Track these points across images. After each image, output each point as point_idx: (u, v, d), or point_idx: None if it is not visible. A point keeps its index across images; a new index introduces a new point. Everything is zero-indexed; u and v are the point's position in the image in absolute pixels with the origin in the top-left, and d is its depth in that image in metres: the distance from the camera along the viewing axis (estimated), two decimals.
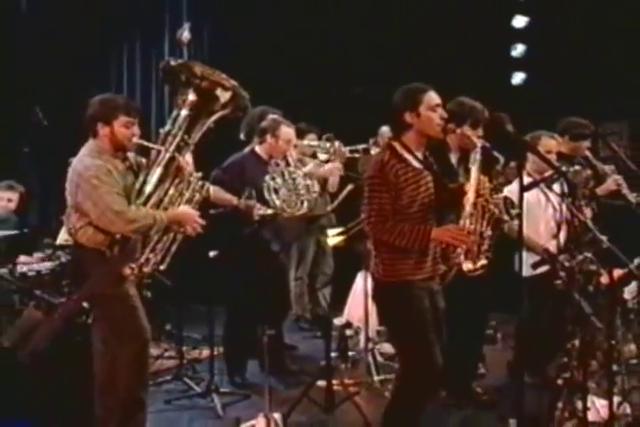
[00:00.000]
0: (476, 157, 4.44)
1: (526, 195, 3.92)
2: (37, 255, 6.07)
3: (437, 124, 4.23)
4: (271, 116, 6.03)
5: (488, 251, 4.38)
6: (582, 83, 8.18)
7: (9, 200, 6.84)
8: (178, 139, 4.50)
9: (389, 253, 4.22)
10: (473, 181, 4.36)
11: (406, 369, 4.30)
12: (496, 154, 4.79)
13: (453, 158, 5.10)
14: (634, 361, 4.73)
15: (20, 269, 5.53)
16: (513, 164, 5.34)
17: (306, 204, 5.78)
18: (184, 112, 4.53)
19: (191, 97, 4.52)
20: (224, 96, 4.55)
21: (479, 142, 4.48)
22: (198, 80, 4.52)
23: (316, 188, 5.88)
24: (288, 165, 5.87)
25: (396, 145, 4.26)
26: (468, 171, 4.54)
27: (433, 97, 4.25)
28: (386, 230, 4.17)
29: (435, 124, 4.23)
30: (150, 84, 8.48)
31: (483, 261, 4.34)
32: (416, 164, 4.26)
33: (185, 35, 6.46)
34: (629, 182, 6.02)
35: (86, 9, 8.21)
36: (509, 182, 5.27)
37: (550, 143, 5.54)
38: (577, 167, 5.56)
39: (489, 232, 4.38)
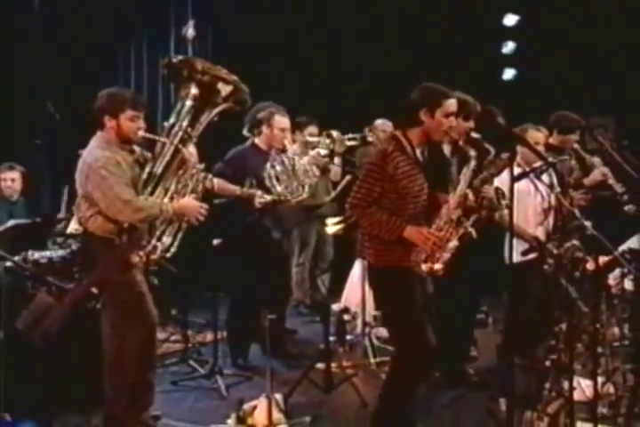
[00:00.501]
0: (468, 172, 4.45)
1: (516, 185, 3.92)
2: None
3: (444, 130, 4.25)
4: (266, 108, 5.96)
5: (449, 259, 4.38)
6: (570, 79, 8.19)
7: (12, 180, 6.89)
8: (181, 132, 4.51)
9: (377, 238, 4.24)
10: (459, 192, 4.37)
11: (400, 351, 4.34)
12: (487, 146, 4.80)
13: (446, 149, 5.10)
14: (617, 344, 4.75)
15: (33, 256, 5.54)
16: (504, 155, 5.37)
17: (307, 188, 5.75)
18: (187, 105, 4.54)
19: (193, 91, 4.52)
20: (225, 90, 4.56)
21: (473, 152, 4.48)
22: (200, 75, 4.52)
23: (316, 172, 5.85)
24: (286, 153, 5.84)
25: (402, 138, 4.27)
26: (460, 161, 4.54)
27: (452, 104, 4.25)
28: (364, 215, 4.21)
29: (442, 130, 4.24)
30: (157, 80, 8.47)
31: (438, 266, 4.34)
32: (414, 159, 4.27)
33: (190, 32, 6.46)
34: (615, 174, 6.04)
35: (95, 8, 8.22)
36: (500, 173, 5.29)
37: (537, 135, 5.54)
38: (564, 157, 5.58)
39: (456, 243, 4.40)
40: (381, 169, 4.19)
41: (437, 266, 4.32)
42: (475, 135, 4.62)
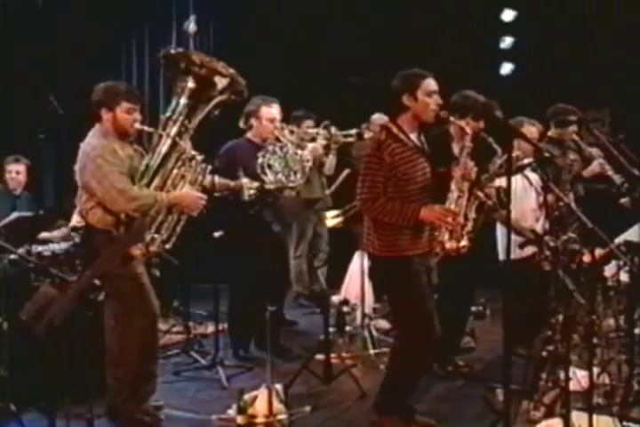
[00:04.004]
0: (465, 143, 4.47)
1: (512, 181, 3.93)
2: (57, 233, 6.10)
3: (432, 109, 4.25)
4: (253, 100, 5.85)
5: (471, 232, 4.41)
6: (567, 73, 8.19)
7: (17, 173, 6.91)
8: (178, 124, 4.50)
9: (385, 228, 4.24)
10: (461, 166, 4.39)
11: (406, 338, 4.33)
12: (495, 146, 4.81)
13: (455, 148, 5.07)
14: (612, 335, 4.76)
15: (36, 249, 5.54)
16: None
17: (300, 174, 5.68)
18: (184, 98, 4.52)
19: (190, 84, 4.51)
20: (221, 82, 4.54)
21: (469, 130, 4.50)
22: (197, 68, 4.51)
23: (309, 157, 5.77)
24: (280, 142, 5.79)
25: (392, 126, 4.29)
26: (470, 159, 4.54)
27: (431, 83, 4.27)
28: (376, 207, 4.21)
29: (429, 110, 4.25)
30: (158, 73, 8.46)
31: (465, 242, 4.37)
32: (411, 144, 4.28)
33: (191, 27, 6.44)
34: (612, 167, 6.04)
35: (98, 3, 8.21)
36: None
37: (531, 130, 5.54)
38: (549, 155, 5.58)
39: (473, 215, 4.42)
40: (378, 158, 4.21)
41: (464, 242, 4.34)
42: (484, 135, 4.66)
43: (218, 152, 5.79)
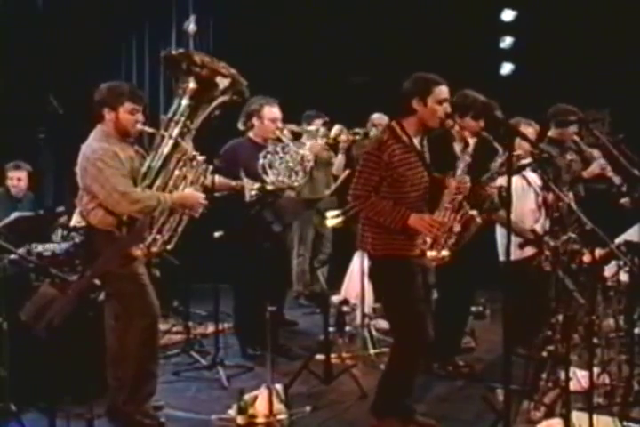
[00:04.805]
0: (465, 157, 4.47)
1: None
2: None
3: (439, 117, 4.25)
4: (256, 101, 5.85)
5: (454, 244, 4.41)
6: (567, 73, 8.20)
7: (18, 179, 6.91)
8: (180, 125, 4.50)
9: (380, 226, 4.25)
10: (457, 177, 4.39)
11: (398, 340, 4.35)
12: (496, 145, 4.81)
13: (457, 148, 5.08)
14: (612, 335, 4.76)
15: (36, 249, 5.54)
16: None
17: (301, 174, 5.65)
18: (186, 98, 4.52)
19: (192, 85, 4.51)
20: (223, 83, 4.54)
21: (471, 140, 4.50)
22: (198, 68, 4.51)
23: (310, 157, 5.75)
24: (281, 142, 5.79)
25: (396, 127, 4.28)
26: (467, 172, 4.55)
27: (443, 91, 4.26)
28: (367, 205, 4.22)
29: (436, 117, 4.25)
30: (159, 73, 8.47)
31: (445, 253, 4.37)
32: (412, 147, 4.28)
33: (191, 27, 6.45)
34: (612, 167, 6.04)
35: (98, 3, 8.21)
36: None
37: (528, 131, 5.54)
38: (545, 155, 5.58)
39: (458, 228, 4.42)
40: (377, 158, 4.20)
41: (444, 252, 4.34)
42: (485, 134, 4.66)
43: (219, 152, 5.79)
